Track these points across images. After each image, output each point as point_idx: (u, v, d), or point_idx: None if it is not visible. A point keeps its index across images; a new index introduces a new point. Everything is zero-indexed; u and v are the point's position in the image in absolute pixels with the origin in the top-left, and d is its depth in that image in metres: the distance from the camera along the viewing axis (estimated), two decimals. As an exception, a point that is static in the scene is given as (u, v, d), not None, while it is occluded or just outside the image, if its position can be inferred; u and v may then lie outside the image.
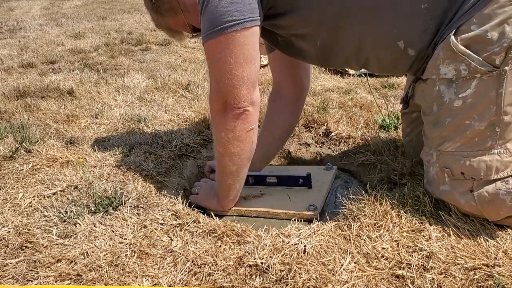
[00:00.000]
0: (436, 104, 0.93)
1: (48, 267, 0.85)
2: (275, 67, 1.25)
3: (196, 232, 0.95)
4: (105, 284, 0.80)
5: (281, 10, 0.95)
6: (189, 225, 0.97)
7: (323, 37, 0.98)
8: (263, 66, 2.53)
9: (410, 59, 0.96)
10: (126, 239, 0.93)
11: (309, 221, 1.04)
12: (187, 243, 0.91)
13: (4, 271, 0.85)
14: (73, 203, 1.06)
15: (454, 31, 0.86)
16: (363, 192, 1.02)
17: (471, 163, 0.89)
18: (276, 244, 0.88)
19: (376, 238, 0.88)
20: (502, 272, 0.78)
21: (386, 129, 1.48)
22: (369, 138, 1.42)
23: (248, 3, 0.89)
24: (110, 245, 0.91)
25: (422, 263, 0.81)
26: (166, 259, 0.87)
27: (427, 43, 0.92)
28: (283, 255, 0.85)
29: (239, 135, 0.97)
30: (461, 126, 0.90)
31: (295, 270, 0.80)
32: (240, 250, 0.88)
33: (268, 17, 0.96)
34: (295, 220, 1.01)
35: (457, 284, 0.76)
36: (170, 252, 0.88)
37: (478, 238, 0.87)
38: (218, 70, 0.92)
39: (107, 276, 0.81)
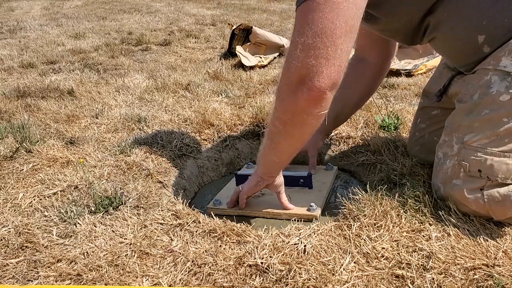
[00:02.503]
0: (479, 93, 0.90)
1: (49, 267, 0.85)
2: (360, 32, 1.19)
3: (196, 232, 0.95)
4: (105, 284, 0.80)
5: None
6: (189, 225, 0.97)
7: (415, 17, 0.94)
8: (263, 66, 2.53)
9: (480, 55, 0.92)
10: (126, 239, 0.93)
11: (309, 221, 1.05)
12: (187, 243, 0.91)
13: (4, 271, 0.85)
14: (73, 203, 1.06)
15: None
16: (363, 192, 1.02)
17: (492, 162, 0.87)
18: (276, 244, 0.88)
19: (376, 238, 0.88)
20: (502, 272, 0.78)
21: (386, 129, 1.48)
22: (369, 138, 1.42)
23: None
24: (110, 245, 0.91)
25: (422, 263, 0.81)
26: (166, 259, 0.87)
27: (506, 41, 0.87)
28: (283, 255, 0.85)
29: (307, 119, 0.83)
30: (496, 121, 0.87)
31: (295, 270, 0.80)
32: (240, 250, 0.88)
33: None
34: (295, 220, 1.02)
35: (457, 284, 0.76)
36: (170, 252, 0.88)
37: (478, 238, 0.87)
38: (314, 35, 0.75)
39: (107, 276, 0.81)
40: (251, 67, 2.46)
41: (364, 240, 0.88)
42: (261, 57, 2.61)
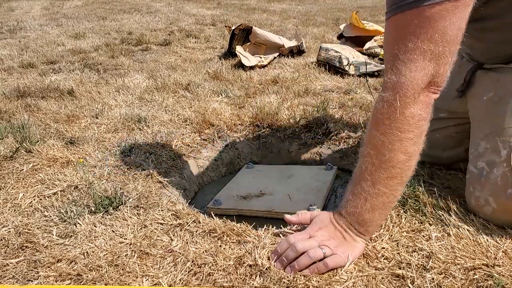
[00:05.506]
0: None
1: (49, 267, 0.85)
2: None
3: (196, 232, 0.95)
4: (105, 284, 0.80)
5: None
6: (189, 225, 0.97)
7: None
8: (263, 66, 2.53)
9: None
10: (126, 239, 0.93)
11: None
12: (187, 243, 0.91)
13: (4, 271, 0.85)
14: (74, 203, 1.06)
15: None
16: (363, 192, 1.02)
17: None
18: (276, 244, 0.88)
19: (375, 238, 0.88)
20: (502, 272, 0.78)
21: (386, 129, 1.47)
22: (369, 138, 1.41)
23: None
24: (110, 245, 0.91)
25: (422, 263, 0.81)
26: (166, 259, 0.87)
27: None
28: (283, 255, 0.84)
29: (424, 126, 0.78)
30: None
31: (295, 270, 0.80)
32: (240, 250, 0.88)
33: None
34: (295, 220, 1.01)
35: (456, 284, 0.76)
36: (170, 252, 0.88)
37: (478, 238, 0.87)
38: (444, 43, 0.71)
39: (107, 276, 0.81)
40: (251, 67, 2.46)
41: (364, 240, 0.88)
42: (261, 57, 2.61)
